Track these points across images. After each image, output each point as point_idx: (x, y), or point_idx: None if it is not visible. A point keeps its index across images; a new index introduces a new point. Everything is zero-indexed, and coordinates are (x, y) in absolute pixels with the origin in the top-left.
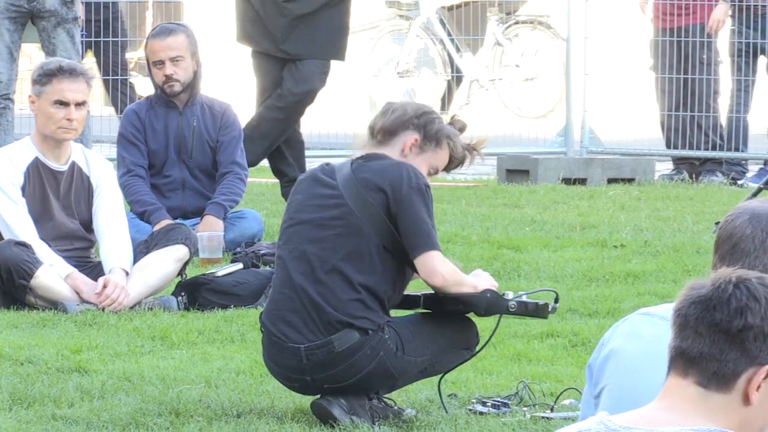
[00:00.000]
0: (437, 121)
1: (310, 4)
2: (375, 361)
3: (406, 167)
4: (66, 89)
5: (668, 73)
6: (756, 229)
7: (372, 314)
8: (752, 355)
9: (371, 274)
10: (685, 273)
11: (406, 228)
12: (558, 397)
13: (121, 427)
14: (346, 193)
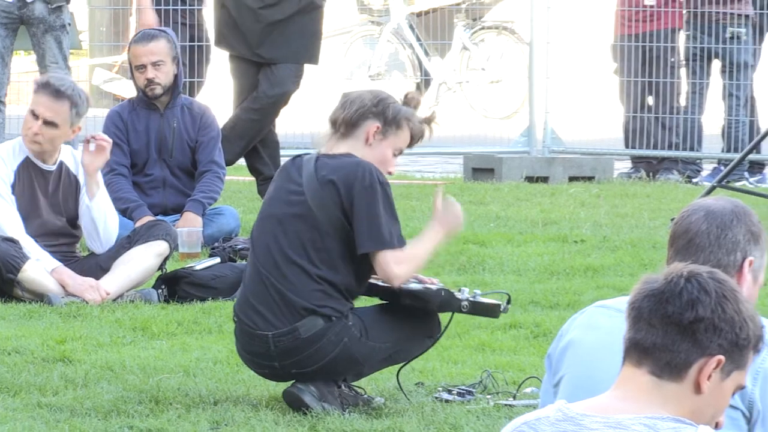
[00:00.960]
0: (393, 105)
1: (283, 10)
2: (339, 346)
3: (362, 166)
4: (41, 104)
5: (632, 77)
6: (711, 225)
7: (334, 302)
8: (703, 346)
9: (329, 268)
10: (642, 267)
11: (360, 226)
12: (520, 386)
13: (104, 414)
14: (308, 190)
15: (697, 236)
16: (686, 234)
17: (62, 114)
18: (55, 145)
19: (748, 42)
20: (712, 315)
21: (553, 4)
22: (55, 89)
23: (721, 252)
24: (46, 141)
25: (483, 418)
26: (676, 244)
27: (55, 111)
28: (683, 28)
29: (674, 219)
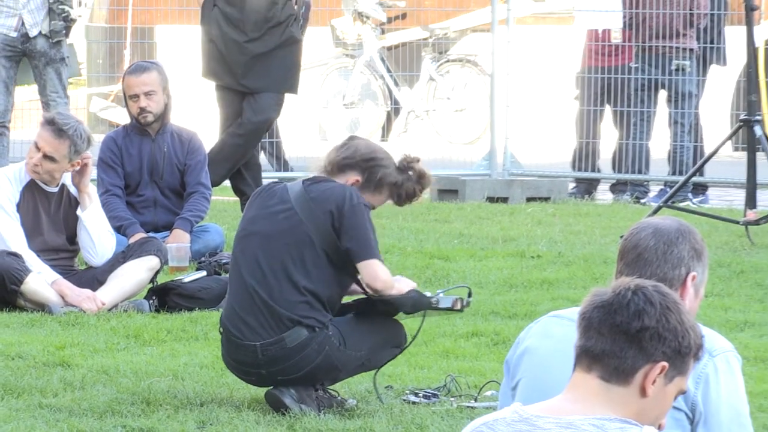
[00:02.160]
0: (382, 169)
1: (266, 44)
2: (322, 354)
3: (348, 189)
4: (44, 138)
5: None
6: (658, 242)
7: (317, 314)
8: (648, 353)
9: (315, 280)
10: (593, 280)
11: (350, 239)
12: (481, 389)
13: (99, 414)
14: (298, 207)
15: (646, 251)
16: (635, 249)
17: (61, 151)
18: (53, 176)
19: (692, 73)
20: (656, 325)
21: (513, 38)
22: (59, 128)
23: (666, 267)
24: (44, 172)
25: (446, 419)
26: (626, 258)
27: (54, 147)
28: (633, 61)
29: (623, 236)
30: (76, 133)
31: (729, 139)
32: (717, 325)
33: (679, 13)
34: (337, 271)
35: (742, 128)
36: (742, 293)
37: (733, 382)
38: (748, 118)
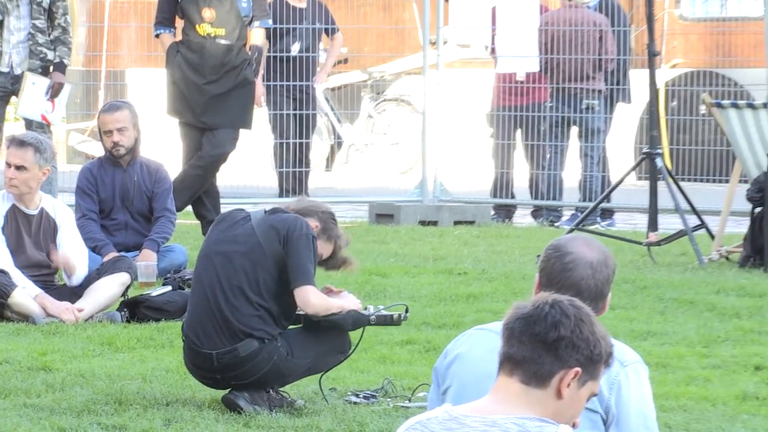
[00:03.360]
0: (335, 225)
1: (223, 86)
2: (270, 363)
3: (300, 220)
4: (11, 154)
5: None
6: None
7: (268, 327)
8: (564, 360)
9: (267, 297)
10: (513, 295)
11: (291, 264)
12: (414, 391)
13: (77, 413)
14: (258, 231)
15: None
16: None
17: (28, 158)
18: (30, 186)
19: (601, 111)
20: (571, 335)
21: (442, 81)
22: (20, 141)
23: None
24: (21, 183)
25: (384, 417)
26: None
27: (21, 157)
28: (548, 101)
29: (539, 256)
30: (36, 142)
31: (633, 170)
32: (623, 334)
33: (588, 58)
34: (287, 290)
35: (644, 160)
36: (645, 306)
37: (642, 389)
38: (650, 151)
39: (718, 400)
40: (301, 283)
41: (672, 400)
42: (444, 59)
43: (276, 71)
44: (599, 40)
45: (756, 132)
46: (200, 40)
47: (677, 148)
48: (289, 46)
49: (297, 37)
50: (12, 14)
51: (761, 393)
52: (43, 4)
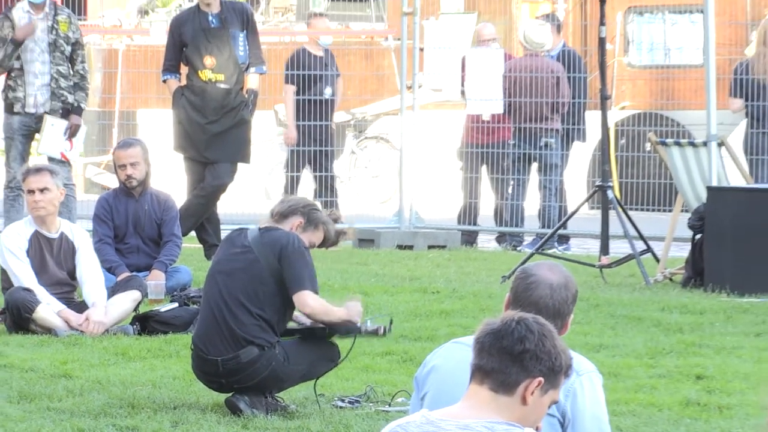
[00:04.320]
0: (316, 212)
1: (222, 125)
2: (269, 368)
3: (292, 235)
4: (31, 182)
5: (473, 173)
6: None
7: (267, 335)
8: (528, 370)
9: (265, 308)
10: (481, 311)
11: (288, 274)
12: (393, 397)
13: (94, 415)
14: (255, 248)
15: (545, 309)
16: (536, 306)
17: (48, 181)
18: (54, 205)
19: (558, 149)
20: (535, 348)
21: (417, 121)
22: (36, 168)
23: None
24: (47, 203)
25: (367, 420)
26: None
27: (41, 181)
28: (511, 139)
29: (506, 276)
30: (49, 166)
31: (587, 201)
32: (578, 347)
33: (546, 101)
34: (283, 301)
35: (597, 192)
36: (598, 322)
37: (595, 395)
38: (602, 184)
39: (663, 406)
40: (297, 289)
41: (623, 405)
42: (419, 102)
43: (312, 112)
44: (556, 85)
45: (696, 167)
46: (202, 84)
47: (626, 181)
48: (323, 90)
49: (327, 82)
50: (38, 60)
51: (702, 400)
52: (65, 52)
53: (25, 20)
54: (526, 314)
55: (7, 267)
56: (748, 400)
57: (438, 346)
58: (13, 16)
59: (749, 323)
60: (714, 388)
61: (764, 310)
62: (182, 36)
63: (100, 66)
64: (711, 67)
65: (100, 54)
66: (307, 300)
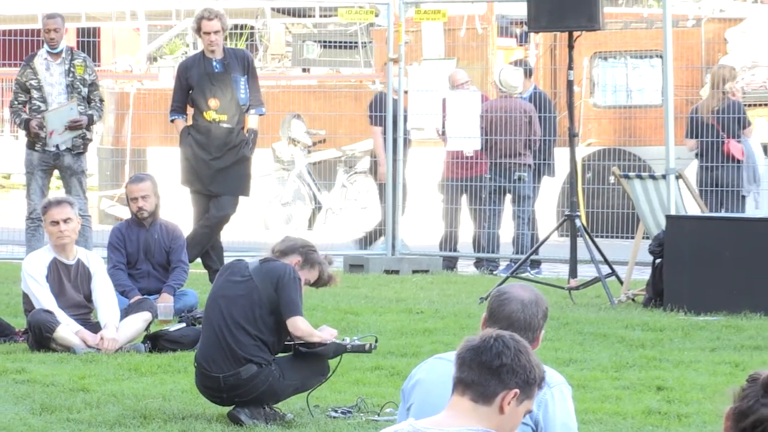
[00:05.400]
0: (315, 253)
1: (225, 161)
2: (267, 384)
3: (288, 267)
4: (54, 214)
5: (453, 204)
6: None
7: (264, 354)
8: (505, 383)
9: (262, 330)
10: (461, 329)
11: (283, 301)
12: (382, 408)
13: (110, 425)
14: (255, 277)
15: (516, 322)
16: (508, 320)
17: (70, 212)
18: (76, 233)
19: (529, 182)
20: (511, 362)
21: (401, 158)
22: (57, 201)
23: (528, 332)
24: (71, 232)
25: (358, 429)
26: (499, 324)
27: (64, 213)
28: (487, 173)
29: (484, 297)
30: (67, 198)
31: (557, 229)
32: (550, 361)
33: (519, 139)
34: (278, 324)
35: (566, 221)
36: (567, 339)
37: (565, 405)
38: (570, 214)
39: (627, 415)
40: (291, 315)
41: (590, 414)
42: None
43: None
44: (528, 124)
45: (656, 198)
46: (207, 124)
47: (592, 211)
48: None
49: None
50: (56, 101)
51: (663, 409)
52: (82, 93)
53: (44, 67)
54: (503, 332)
55: (29, 291)
56: (705, 409)
57: (422, 361)
58: (34, 64)
59: (705, 339)
60: (673, 399)
61: (718, 327)
62: (188, 80)
63: (113, 108)
64: (669, 107)
65: (112, 97)
66: (299, 324)
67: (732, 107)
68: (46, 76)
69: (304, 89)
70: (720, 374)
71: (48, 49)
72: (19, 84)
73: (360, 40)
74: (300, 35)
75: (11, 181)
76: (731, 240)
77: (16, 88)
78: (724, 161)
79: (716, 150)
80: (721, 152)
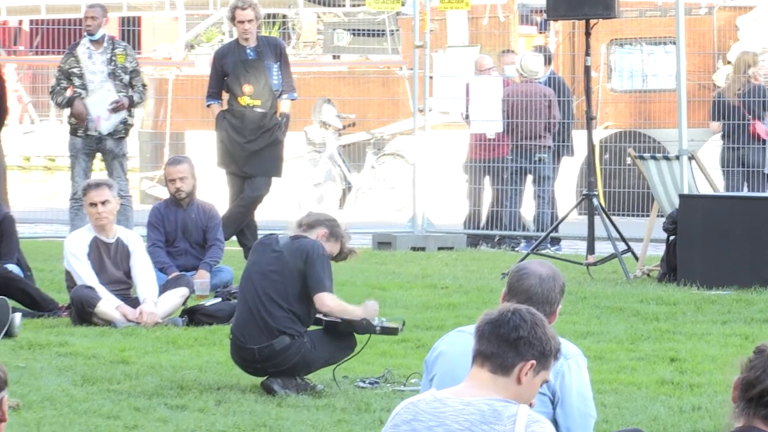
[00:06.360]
0: (338, 227)
1: (259, 144)
2: (299, 355)
3: (318, 244)
4: (92, 196)
5: (477, 185)
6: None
7: (296, 326)
8: (522, 354)
9: (294, 303)
10: (484, 303)
11: (310, 278)
12: (408, 378)
13: (148, 396)
14: (286, 252)
15: (534, 296)
16: (526, 293)
17: (108, 194)
18: (114, 214)
19: (549, 163)
20: (528, 335)
21: (428, 139)
22: (95, 183)
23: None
24: (109, 214)
25: (385, 399)
26: (517, 298)
27: (102, 195)
28: (509, 155)
29: (509, 274)
30: (106, 180)
31: (575, 207)
32: (568, 333)
33: (540, 122)
34: (308, 297)
35: (584, 200)
36: (585, 312)
37: (581, 376)
38: (589, 193)
39: (642, 385)
40: (318, 291)
41: (606, 384)
42: (429, 123)
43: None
44: (548, 107)
45: (669, 178)
46: (241, 108)
47: (609, 191)
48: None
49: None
50: (98, 88)
51: (675, 379)
52: (124, 80)
53: (87, 56)
54: (520, 306)
55: (71, 268)
56: (716, 379)
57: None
58: (77, 52)
59: (716, 312)
60: (686, 369)
61: (729, 301)
62: (224, 67)
63: (153, 93)
64: (682, 91)
65: (152, 83)
66: (326, 300)
67: (755, 91)
68: (88, 64)
69: (335, 75)
70: (730, 346)
71: (89, 38)
72: (62, 71)
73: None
74: (331, 24)
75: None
76: (742, 218)
77: (58, 75)
78: (749, 142)
79: (742, 131)
80: (747, 133)
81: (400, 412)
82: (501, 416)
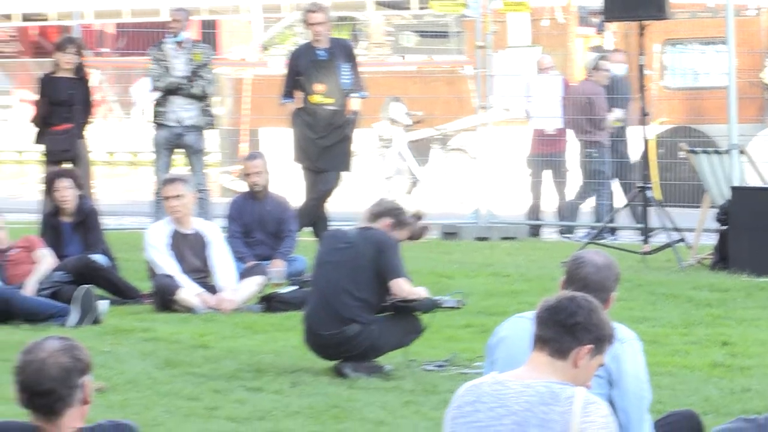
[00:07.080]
0: (403, 215)
1: (330, 140)
2: (369, 341)
3: (387, 234)
4: (168, 191)
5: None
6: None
7: (366, 314)
8: (579, 339)
9: (364, 292)
10: (545, 291)
11: (386, 265)
12: (472, 361)
13: (227, 378)
14: (357, 243)
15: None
16: (583, 281)
17: (181, 189)
18: (189, 208)
19: (602, 157)
20: (584, 321)
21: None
22: (170, 179)
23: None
24: (182, 207)
25: (450, 381)
26: (575, 285)
27: (176, 190)
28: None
29: (565, 261)
30: (180, 175)
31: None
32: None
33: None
34: (379, 286)
35: (639, 193)
36: (641, 299)
37: (636, 359)
38: (644, 186)
39: (695, 368)
40: (394, 277)
41: (661, 367)
42: (491, 119)
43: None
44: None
45: (720, 171)
46: (314, 106)
47: (664, 183)
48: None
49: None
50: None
51: (727, 362)
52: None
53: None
54: (577, 293)
55: (151, 259)
56: (765, 362)
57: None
58: (163, 48)
59: (766, 299)
60: (737, 353)
61: None
62: (298, 67)
63: (230, 92)
64: (733, 88)
65: (229, 82)
66: (402, 285)
67: None
68: (173, 60)
69: (403, 75)
70: None
71: (173, 38)
72: (155, 59)
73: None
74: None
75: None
76: None
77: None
78: None
79: None
80: None
81: (463, 394)
82: (559, 398)
